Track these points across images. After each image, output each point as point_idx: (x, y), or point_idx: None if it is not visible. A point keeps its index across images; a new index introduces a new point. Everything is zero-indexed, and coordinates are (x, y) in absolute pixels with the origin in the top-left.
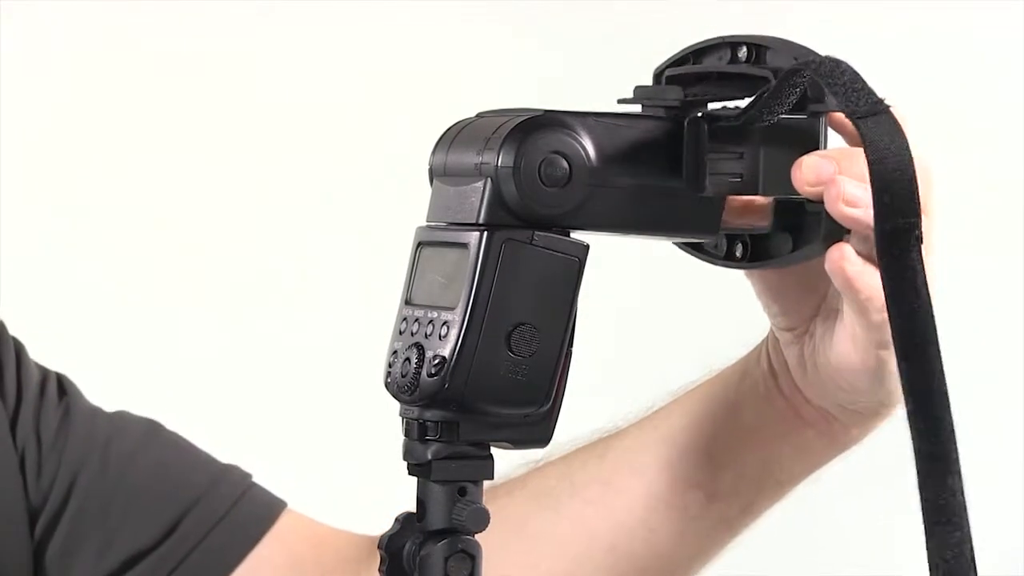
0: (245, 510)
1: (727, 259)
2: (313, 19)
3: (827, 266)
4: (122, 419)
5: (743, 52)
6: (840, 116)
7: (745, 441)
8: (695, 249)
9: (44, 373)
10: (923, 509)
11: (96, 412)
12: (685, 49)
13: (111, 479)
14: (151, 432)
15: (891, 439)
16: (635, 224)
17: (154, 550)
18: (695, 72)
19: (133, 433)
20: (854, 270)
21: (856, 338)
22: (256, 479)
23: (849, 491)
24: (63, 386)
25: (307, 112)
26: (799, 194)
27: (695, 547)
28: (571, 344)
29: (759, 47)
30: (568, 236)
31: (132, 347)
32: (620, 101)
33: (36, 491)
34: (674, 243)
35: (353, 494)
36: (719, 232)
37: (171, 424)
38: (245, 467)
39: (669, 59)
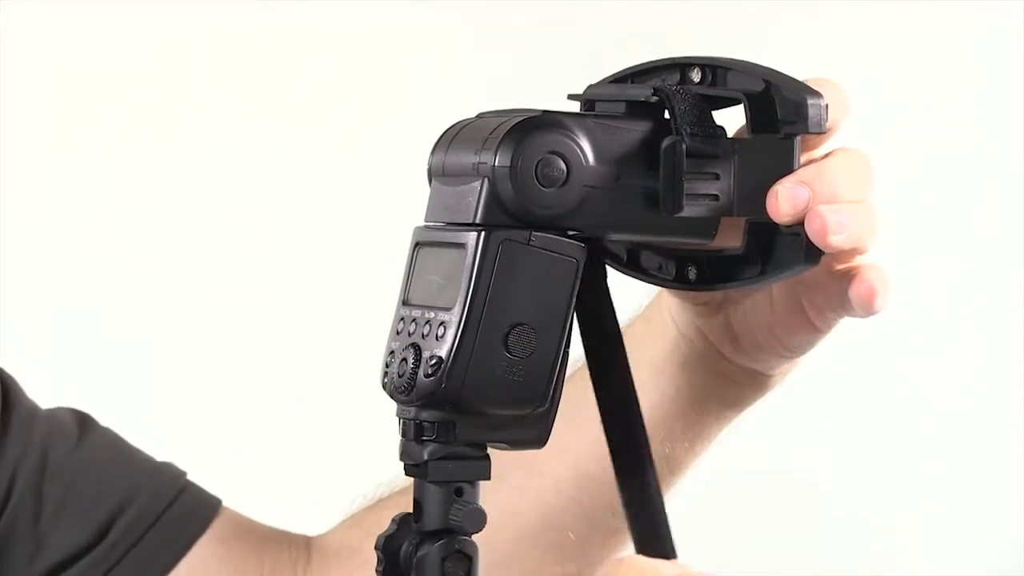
0: (181, 510)
1: (678, 281)
2: (311, 18)
3: (854, 299)
4: (57, 418)
5: (696, 74)
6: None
7: (671, 410)
8: (641, 273)
9: None
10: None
11: (34, 412)
12: (627, 69)
13: (45, 481)
14: (85, 431)
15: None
16: (632, 226)
17: (87, 553)
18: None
19: (67, 434)
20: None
21: (813, 304)
22: (243, 478)
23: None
24: (6, 385)
25: (304, 112)
26: (772, 217)
27: None
28: (568, 345)
29: (716, 68)
30: (566, 237)
31: (130, 347)
32: (571, 97)
33: None
34: (618, 269)
35: (350, 494)
36: (714, 236)
37: (171, 424)
38: (244, 468)
39: (607, 78)
